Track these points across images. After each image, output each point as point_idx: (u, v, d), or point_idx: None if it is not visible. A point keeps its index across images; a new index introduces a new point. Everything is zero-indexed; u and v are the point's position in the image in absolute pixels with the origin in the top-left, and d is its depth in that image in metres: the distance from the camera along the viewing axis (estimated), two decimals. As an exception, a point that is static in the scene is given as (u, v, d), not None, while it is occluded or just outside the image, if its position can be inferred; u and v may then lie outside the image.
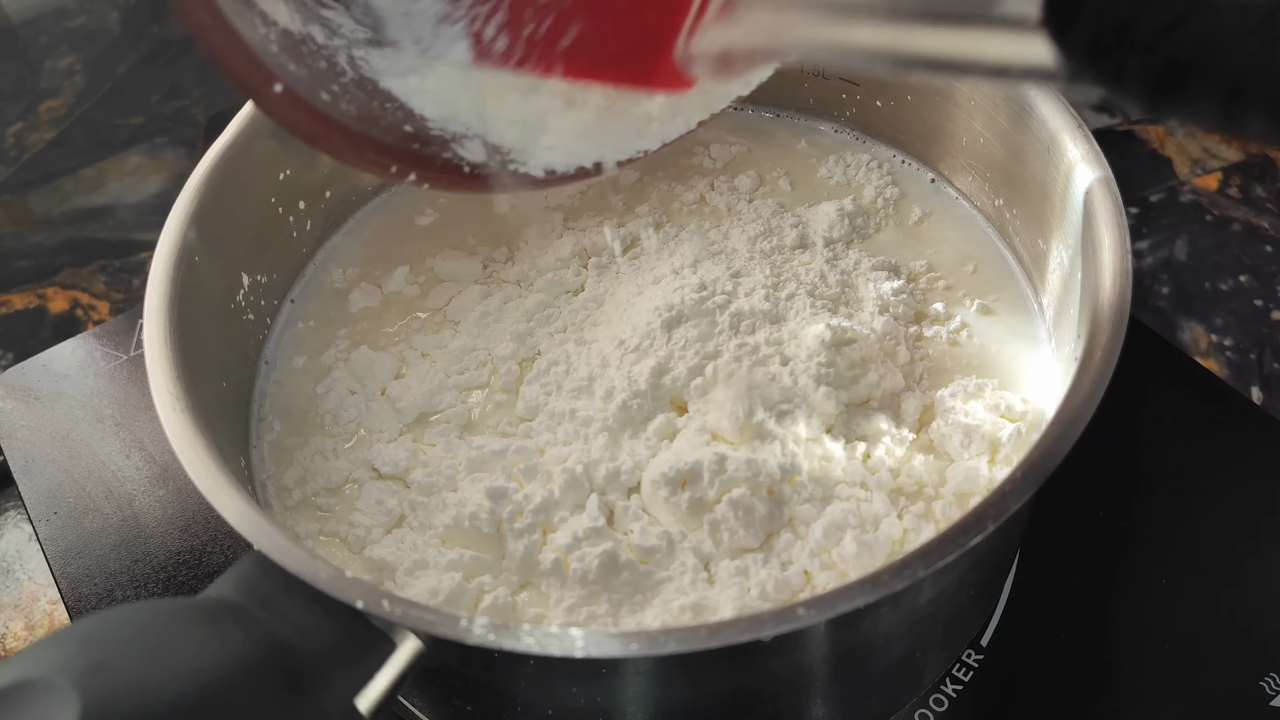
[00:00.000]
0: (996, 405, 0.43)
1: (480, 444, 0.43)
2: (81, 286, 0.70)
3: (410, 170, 0.39)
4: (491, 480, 0.42)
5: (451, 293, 0.50)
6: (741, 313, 0.45)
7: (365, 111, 0.38)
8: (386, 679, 0.32)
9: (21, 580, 0.56)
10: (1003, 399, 0.43)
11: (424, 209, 0.55)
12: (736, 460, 0.40)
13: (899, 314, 0.47)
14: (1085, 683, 0.45)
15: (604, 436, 0.42)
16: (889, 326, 0.46)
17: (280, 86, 0.36)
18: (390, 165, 0.39)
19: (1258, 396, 0.59)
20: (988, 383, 0.44)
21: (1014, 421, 0.42)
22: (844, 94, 0.54)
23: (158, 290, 0.41)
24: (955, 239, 0.51)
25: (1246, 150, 0.72)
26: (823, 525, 0.39)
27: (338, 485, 0.44)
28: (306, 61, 0.37)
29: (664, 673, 0.35)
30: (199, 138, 0.80)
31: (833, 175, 0.54)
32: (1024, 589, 0.48)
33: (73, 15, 0.93)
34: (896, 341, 0.46)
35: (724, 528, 0.39)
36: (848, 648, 0.37)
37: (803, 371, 0.43)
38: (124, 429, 0.56)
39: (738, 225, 0.51)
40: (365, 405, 0.46)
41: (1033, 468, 0.33)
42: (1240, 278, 0.65)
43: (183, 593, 0.50)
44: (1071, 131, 0.43)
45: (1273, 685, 0.44)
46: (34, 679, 0.27)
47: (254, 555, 0.33)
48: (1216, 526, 0.49)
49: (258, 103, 0.36)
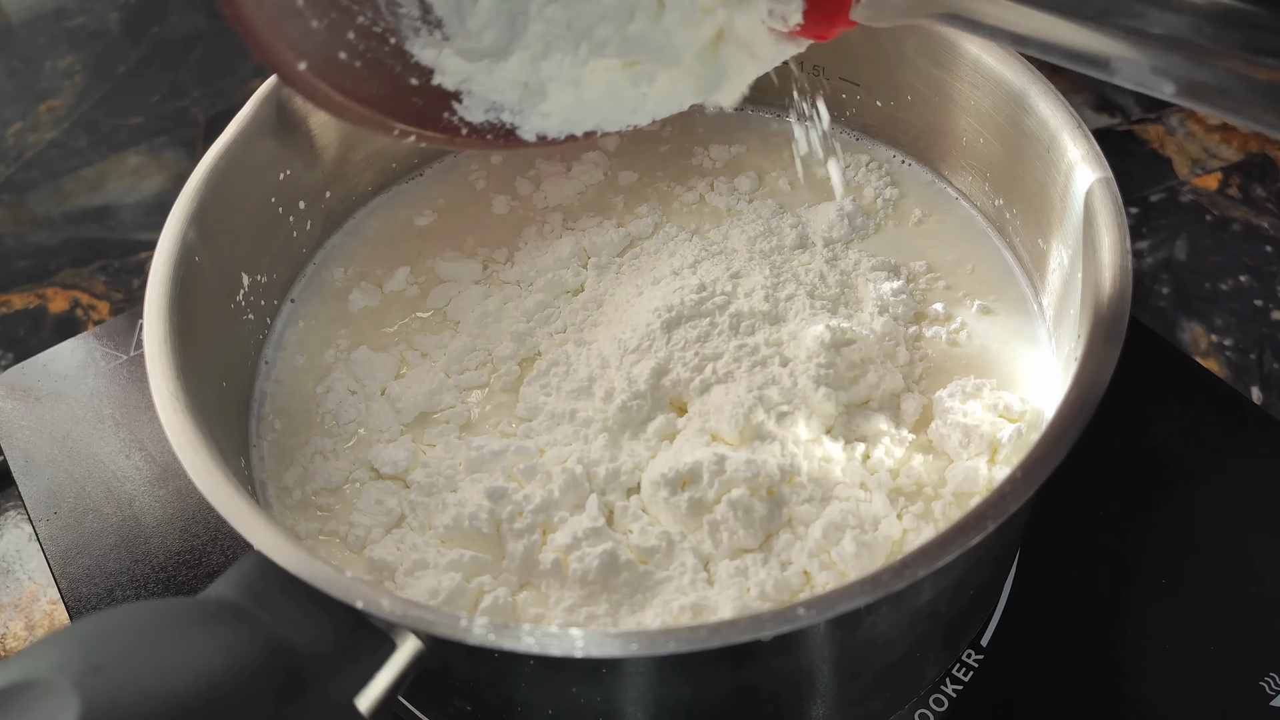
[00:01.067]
0: (995, 405, 0.43)
1: (480, 444, 0.43)
2: (81, 286, 0.70)
3: (412, 131, 0.41)
4: (491, 480, 0.42)
5: (451, 293, 0.50)
6: (741, 313, 0.45)
7: (377, 67, 0.39)
8: (386, 679, 0.32)
9: (21, 580, 0.56)
10: (1001, 399, 0.43)
11: (424, 209, 0.55)
12: (736, 461, 0.40)
13: (899, 314, 0.47)
14: (1085, 683, 0.45)
15: (604, 437, 0.42)
16: (889, 327, 0.46)
17: (297, 38, 0.36)
18: (393, 125, 0.40)
19: (1258, 396, 0.59)
20: (986, 383, 0.44)
21: (1013, 421, 0.42)
22: (844, 94, 0.54)
23: (158, 290, 0.41)
24: (955, 239, 0.51)
25: (1246, 150, 0.72)
26: (822, 525, 0.39)
27: (338, 485, 0.44)
28: (329, 11, 0.37)
29: (664, 673, 0.35)
30: (199, 138, 0.80)
31: (832, 175, 0.54)
32: (1024, 589, 0.48)
33: (73, 15, 0.93)
34: (896, 342, 0.46)
35: (723, 528, 0.39)
36: (848, 648, 0.37)
37: (802, 372, 0.43)
38: (124, 429, 0.56)
39: (737, 225, 0.51)
40: (365, 405, 0.46)
41: (1033, 468, 0.33)
42: (1240, 278, 0.65)
43: (183, 593, 0.50)
44: (1071, 131, 0.43)
45: (1273, 685, 0.44)
46: (34, 679, 0.27)
47: (254, 555, 0.33)
48: (1217, 526, 0.49)
49: (267, 56, 0.37)
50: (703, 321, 0.45)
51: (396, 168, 0.55)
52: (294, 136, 0.49)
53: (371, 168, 0.54)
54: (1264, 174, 0.70)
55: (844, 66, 0.54)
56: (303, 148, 0.49)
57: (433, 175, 0.56)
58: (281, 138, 0.48)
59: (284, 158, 0.49)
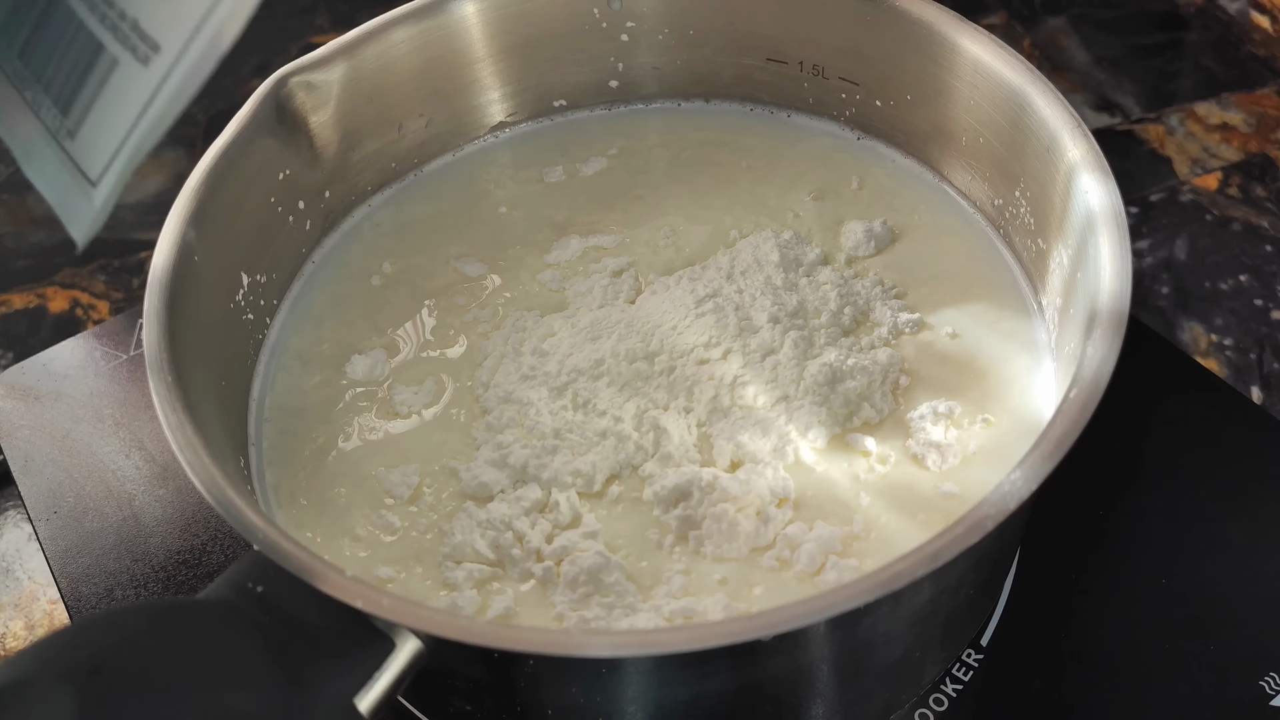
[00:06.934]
0: (985, 415, 0.43)
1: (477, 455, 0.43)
2: (81, 286, 0.70)
3: None
4: (485, 515, 0.42)
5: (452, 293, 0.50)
6: (743, 332, 0.45)
7: None
8: (386, 679, 0.32)
9: (21, 580, 0.56)
10: (994, 405, 0.43)
11: (424, 209, 0.55)
12: (727, 481, 0.41)
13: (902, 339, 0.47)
14: (1085, 683, 0.45)
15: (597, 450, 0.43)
16: (892, 359, 0.45)
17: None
18: None
19: (1258, 396, 0.59)
20: (977, 391, 0.44)
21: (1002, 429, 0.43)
22: (844, 94, 0.54)
23: (157, 290, 0.41)
24: (955, 239, 0.51)
25: (1247, 150, 0.72)
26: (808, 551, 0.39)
27: (338, 485, 0.44)
28: None
29: (664, 673, 0.35)
30: (199, 137, 0.80)
31: (832, 175, 0.54)
32: (1024, 589, 0.48)
33: (72, 15, 0.93)
34: (898, 370, 0.45)
35: (708, 542, 0.40)
36: (848, 648, 0.37)
37: (798, 397, 0.43)
38: (124, 429, 0.56)
39: (739, 234, 0.51)
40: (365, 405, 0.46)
41: (1032, 468, 0.33)
42: (1240, 278, 0.65)
43: (183, 593, 0.50)
44: (1071, 131, 0.43)
45: (1273, 685, 0.44)
46: (34, 679, 0.27)
47: (254, 555, 0.33)
48: (1217, 526, 0.49)
49: None
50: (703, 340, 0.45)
51: (396, 167, 0.55)
52: (294, 136, 0.49)
53: (371, 167, 0.54)
54: (1264, 174, 0.70)
55: (844, 66, 0.54)
56: (302, 147, 0.49)
57: (433, 175, 0.56)
58: (281, 137, 0.48)
59: (283, 157, 0.48)
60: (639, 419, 0.43)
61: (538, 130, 0.58)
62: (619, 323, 0.46)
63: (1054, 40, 0.80)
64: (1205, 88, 0.76)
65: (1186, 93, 0.76)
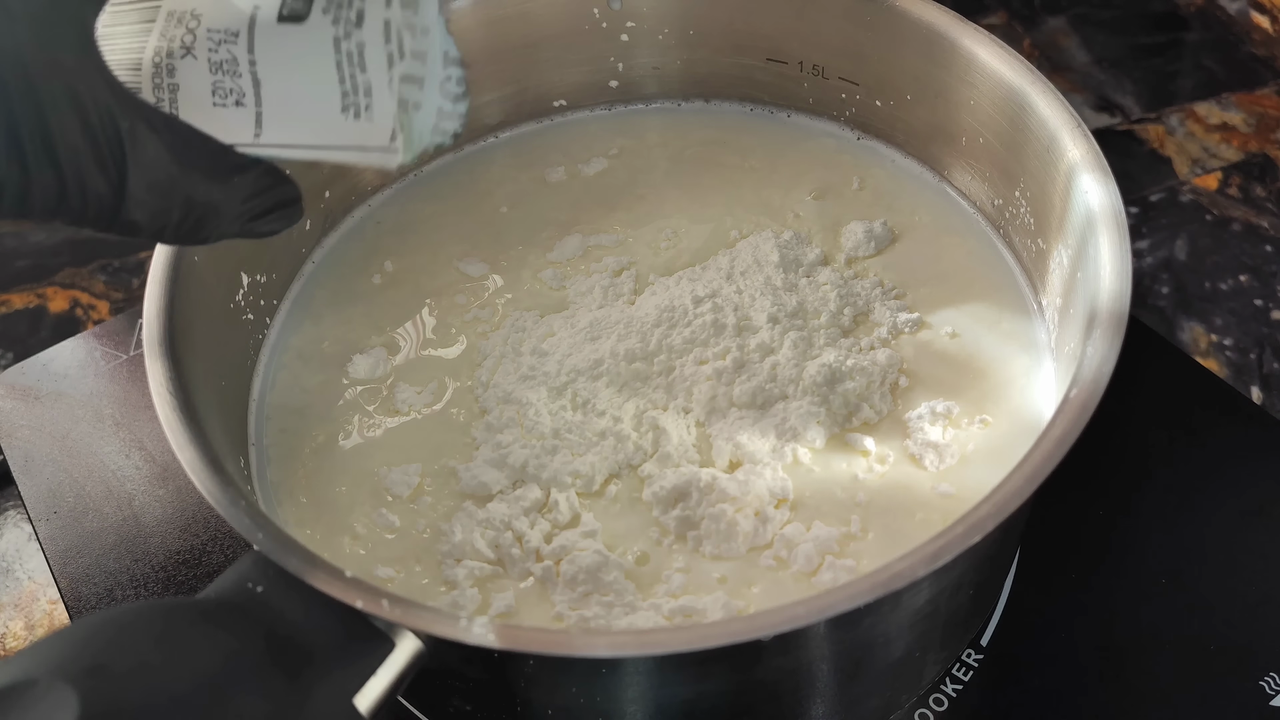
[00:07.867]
0: (983, 416, 0.43)
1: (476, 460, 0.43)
2: (81, 286, 0.70)
3: None
4: (485, 514, 0.42)
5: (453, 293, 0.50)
6: (742, 332, 0.45)
7: None
8: (386, 679, 0.32)
9: (21, 580, 0.56)
10: (993, 405, 0.43)
11: (425, 209, 0.55)
12: (725, 481, 0.41)
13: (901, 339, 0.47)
14: (1085, 683, 0.45)
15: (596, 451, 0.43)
16: (891, 360, 0.45)
17: None
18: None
19: (1258, 396, 0.59)
20: (976, 392, 0.44)
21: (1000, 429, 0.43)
22: (844, 94, 0.54)
23: (157, 290, 0.41)
24: (955, 239, 0.51)
25: (1246, 150, 0.72)
26: (805, 551, 0.40)
27: (338, 485, 0.44)
28: None
29: (664, 673, 0.35)
30: (199, 137, 0.80)
31: (832, 175, 0.54)
32: (1024, 589, 0.48)
33: (73, 15, 0.93)
34: (896, 371, 0.45)
35: (707, 542, 0.40)
36: (848, 648, 0.37)
37: (796, 398, 0.43)
38: (124, 429, 0.56)
39: (739, 234, 0.51)
40: (365, 405, 0.46)
41: (1033, 468, 0.33)
42: (1240, 278, 0.65)
43: (183, 593, 0.50)
44: (1071, 131, 0.43)
45: (1273, 685, 0.44)
46: (34, 679, 0.27)
47: (254, 555, 0.33)
48: (1217, 526, 0.49)
49: None
50: (701, 340, 0.45)
51: (395, 167, 0.55)
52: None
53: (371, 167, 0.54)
54: (1264, 174, 0.70)
55: (844, 66, 0.54)
56: (303, 147, 0.49)
57: (434, 174, 0.56)
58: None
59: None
60: (638, 419, 0.43)
61: (538, 130, 0.58)
62: (618, 323, 0.46)
63: (1054, 40, 0.80)
64: (1205, 88, 0.76)
65: (1186, 93, 0.76)
